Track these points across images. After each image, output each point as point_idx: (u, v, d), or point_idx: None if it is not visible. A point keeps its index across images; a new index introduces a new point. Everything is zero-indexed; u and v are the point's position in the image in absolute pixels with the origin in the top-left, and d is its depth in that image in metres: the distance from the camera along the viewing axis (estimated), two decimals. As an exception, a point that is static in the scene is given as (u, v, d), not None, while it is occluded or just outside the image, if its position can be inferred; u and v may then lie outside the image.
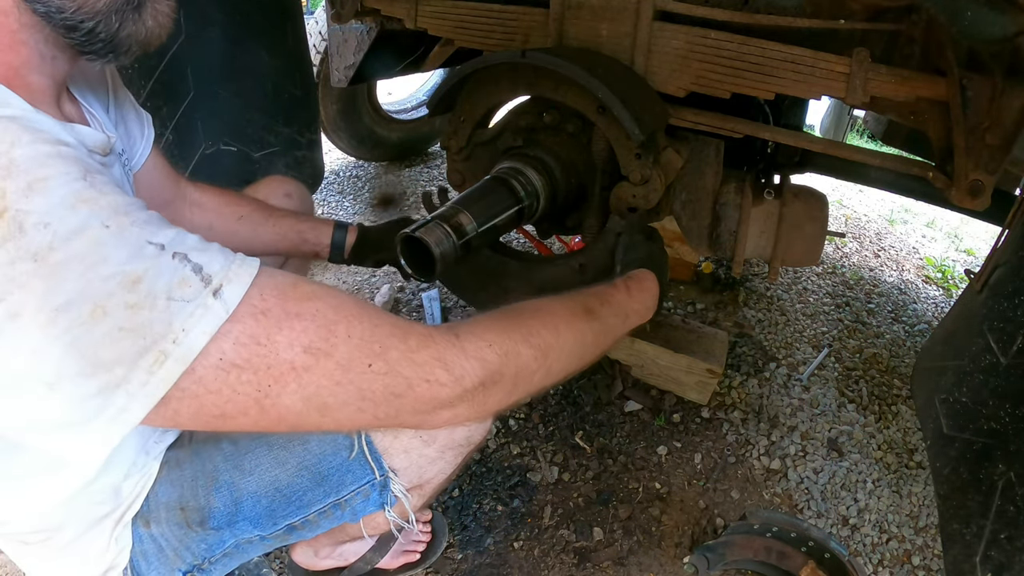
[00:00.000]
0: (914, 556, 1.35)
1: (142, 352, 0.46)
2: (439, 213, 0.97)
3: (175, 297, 0.47)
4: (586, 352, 0.75)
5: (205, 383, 0.48)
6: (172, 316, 0.46)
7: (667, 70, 1.15)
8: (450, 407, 0.59)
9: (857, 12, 1.05)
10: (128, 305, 0.45)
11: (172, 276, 0.47)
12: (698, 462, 1.52)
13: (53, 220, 0.43)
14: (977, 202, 1.00)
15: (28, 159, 0.44)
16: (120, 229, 0.46)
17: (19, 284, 0.42)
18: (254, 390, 0.50)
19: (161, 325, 0.46)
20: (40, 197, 0.43)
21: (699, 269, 2.22)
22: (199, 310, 0.47)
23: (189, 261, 0.48)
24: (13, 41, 0.54)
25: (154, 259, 0.47)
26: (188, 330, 0.47)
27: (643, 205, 1.15)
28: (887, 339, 2.06)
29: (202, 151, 1.77)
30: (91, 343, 0.44)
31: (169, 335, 0.46)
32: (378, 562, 1.17)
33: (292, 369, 0.51)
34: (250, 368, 0.49)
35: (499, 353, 0.61)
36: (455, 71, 1.17)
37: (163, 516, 0.79)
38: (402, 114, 3.17)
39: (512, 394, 0.65)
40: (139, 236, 0.47)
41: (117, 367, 0.45)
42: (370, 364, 0.54)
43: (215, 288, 0.48)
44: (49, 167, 0.45)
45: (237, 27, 1.72)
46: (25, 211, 0.42)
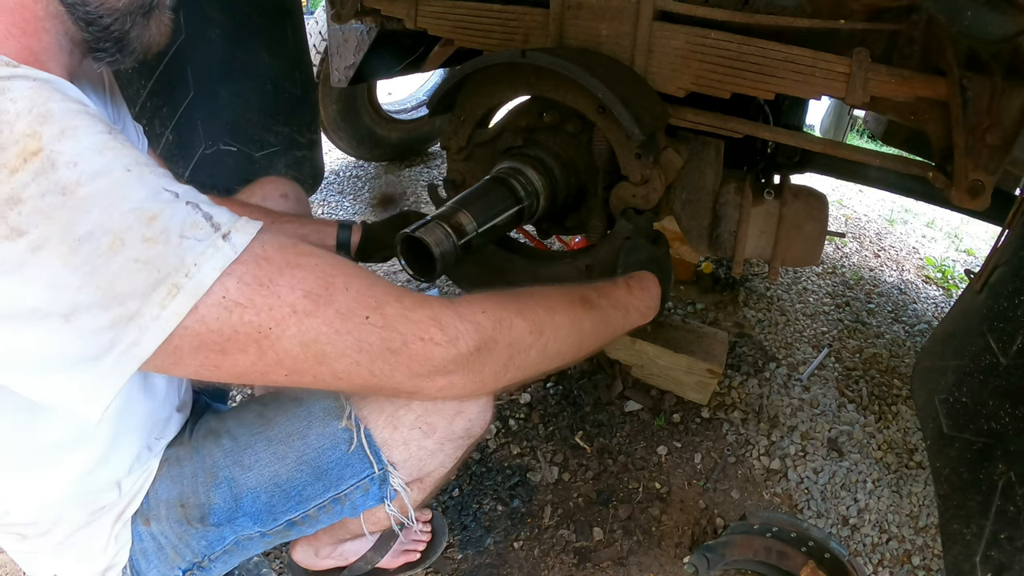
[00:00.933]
0: (914, 556, 1.35)
1: (155, 285, 0.48)
2: (439, 213, 0.97)
3: (188, 236, 0.50)
4: (584, 339, 0.75)
5: (207, 321, 0.50)
6: (185, 252, 0.49)
7: (667, 70, 1.15)
8: (446, 373, 0.60)
9: (857, 12, 1.05)
10: (144, 239, 0.48)
11: (185, 218, 0.50)
12: (698, 462, 1.52)
13: (81, 160, 0.47)
14: (977, 202, 1.00)
15: (62, 111, 0.48)
16: (140, 174, 0.50)
17: (46, 215, 0.46)
18: (255, 330, 0.52)
19: (174, 259, 0.49)
20: (71, 141, 0.47)
21: (699, 269, 2.22)
22: (210, 249, 0.50)
23: (200, 209, 0.52)
24: (37, 28, 0.57)
25: (170, 203, 0.50)
26: (200, 265, 0.49)
27: (643, 205, 1.15)
28: (887, 339, 2.06)
29: (202, 151, 1.77)
30: (108, 274, 0.47)
31: (182, 269, 0.49)
32: (378, 562, 1.17)
33: (293, 312, 0.53)
34: (252, 308, 0.52)
35: (493, 319, 0.63)
36: (455, 71, 1.17)
37: (163, 513, 0.79)
38: (402, 114, 3.17)
39: (508, 367, 0.65)
40: (156, 183, 0.51)
41: (131, 300, 0.48)
42: (367, 316, 0.56)
43: (224, 233, 0.52)
44: (79, 119, 0.49)
45: (237, 27, 1.72)
46: (58, 151, 0.47)
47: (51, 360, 0.48)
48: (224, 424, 0.85)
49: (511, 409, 1.62)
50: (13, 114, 0.47)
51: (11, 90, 0.48)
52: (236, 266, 0.51)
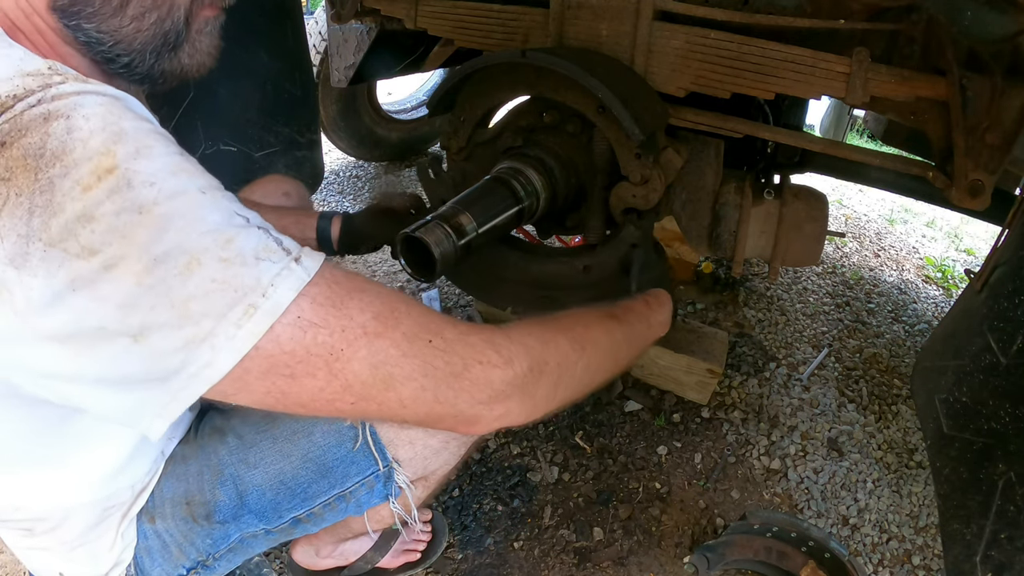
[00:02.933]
0: (914, 556, 1.35)
1: (232, 304, 0.48)
2: (439, 213, 0.97)
3: (263, 258, 0.50)
4: (618, 352, 0.77)
5: (281, 342, 0.50)
6: (261, 272, 0.49)
7: (667, 70, 1.15)
8: (503, 397, 0.60)
9: (857, 12, 1.05)
10: (221, 259, 0.48)
11: (259, 242, 0.51)
12: (698, 462, 1.52)
13: (158, 180, 0.47)
14: (977, 202, 1.00)
15: (135, 130, 0.48)
16: (214, 197, 0.50)
17: (122, 234, 0.45)
18: (327, 351, 0.52)
19: (251, 279, 0.49)
20: (146, 160, 0.47)
21: (699, 269, 2.22)
22: (285, 271, 0.51)
23: (271, 234, 0.53)
24: (62, 53, 0.58)
25: (243, 227, 0.51)
26: (276, 285, 0.50)
27: (643, 205, 1.14)
28: (887, 339, 2.06)
29: (202, 151, 1.77)
30: (184, 293, 0.46)
31: (259, 288, 0.49)
32: (379, 561, 1.17)
33: (364, 333, 0.53)
34: (327, 327, 0.52)
35: (540, 340, 0.64)
36: (455, 71, 1.17)
37: (168, 511, 0.79)
38: (402, 114, 3.17)
39: (558, 386, 0.65)
40: (230, 207, 0.51)
41: (205, 319, 0.47)
42: (430, 340, 0.56)
43: (296, 256, 0.52)
44: (153, 139, 0.49)
45: (237, 27, 1.71)
46: (133, 170, 0.46)
47: (116, 379, 0.48)
48: (229, 422, 0.86)
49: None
50: (87, 131, 0.45)
51: (83, 106, 0.46)
52: (310, 287, 0.51)
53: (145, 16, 0.58)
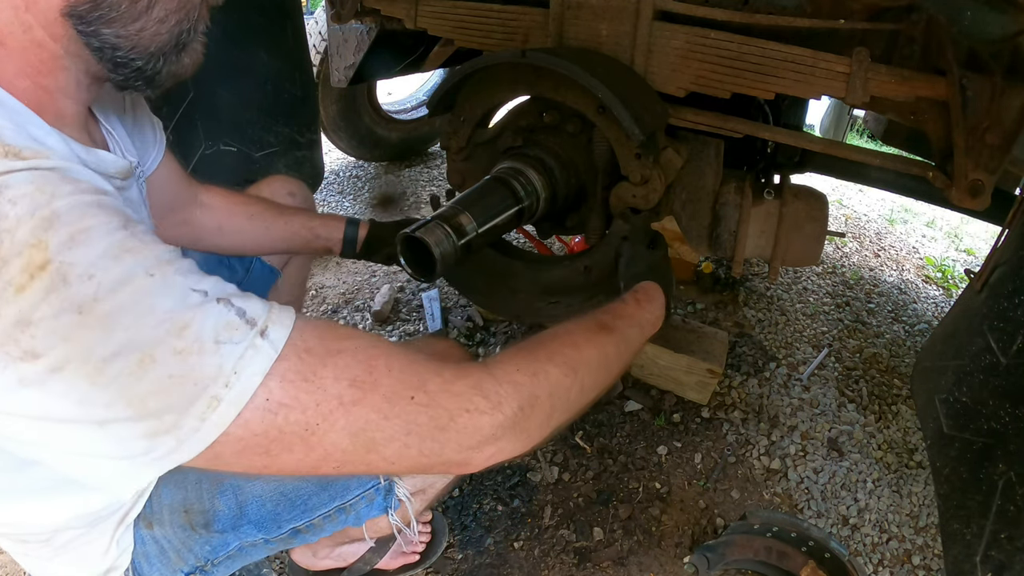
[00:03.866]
0: (914, 556, 1.35)
1: (193, 399, 0.45)
2: (439, 213, 0.97)
3: (223, 340, 0.46)
4: (611, 364, 0.75)
5: (251, 426, 0.47)
6: (223, 359, 0.46)
7: (667, 70, 1.15)
8: (493, 440, 0.58)
9: (857, 12, 1.05)
10: (176, 351, 0.44)
11: (218, 320, 0.47)
12: (698, 462, 1.52)
13: (97, 271, 0.43)
14: (977, 202, 1.00)
15: (70, 210, 0.43)
16: (164, 277, 0.46)
17: (63, 337, 0.41)
18: (301, 428, 0.49)
19: (212, 368, 0.45)
20: (83, 248, 0.43)
21: (699, 269, 2.22)
22: (249, 351, 0.47)
23: (233, 306, 0.48)
24: (55, 67, 0.54)
25: (199, 306, 0.46)
26: (240, 372, 0.46)
27: (643, 205, 1.14)
28: (887, 339, 2.06)
29: (202, 151, 1.77)
30: (140, 392, 0.43)
31: (220, 378, 0.45)
32: (377, 562, 1.17)
33: (340, 404, 0.50)
34: (298, 406, 0.49)
35: (528, 374, 0.61)
36: (455, 71, 1.17)
37: (166, 518, 0.79)
38: (402, 114, 3.17)
39: (552, 415, 0.64)
40: (183, 284, 0.47)
41: (167, 414, 0.45)
42: (412, 396, 0.54)
43: (261, 329, 0.48)
44: (91, 218, 0.44)
45: (237, 27, 1.72)
46: (69, 263, 0.42)
47: (87, 452, 0.46)
48: None
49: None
50: (14, 220, 0.41)
51: (10, 188, 0.42)
52: (279, 364, 0.48)
53: (168, 18, 0.57)
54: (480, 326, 1.93)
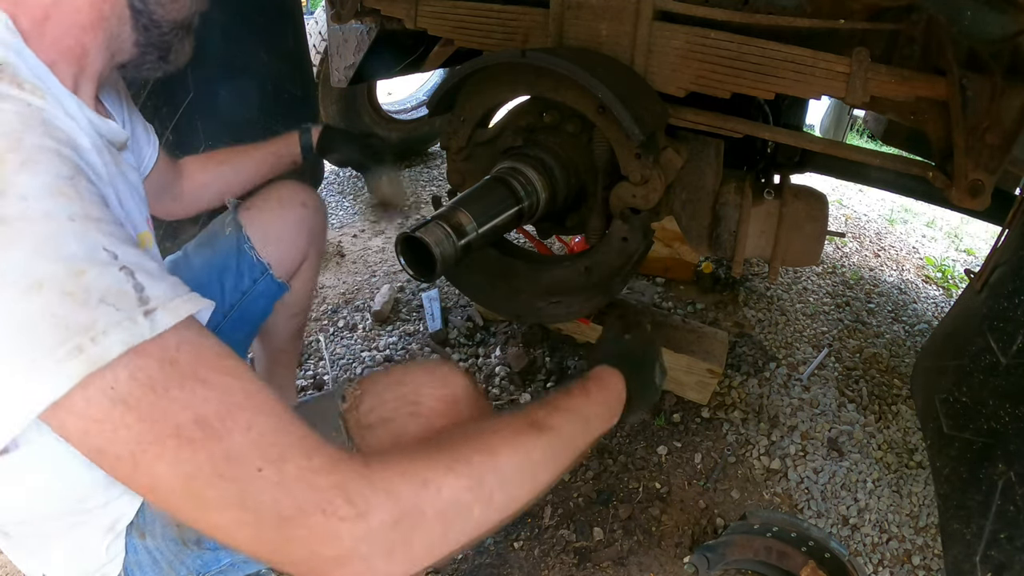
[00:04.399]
0: (914, 556, 1.35)
1: (60, 341, 0.44)
2: (439, 213, 0.97)
3: (108, 301, 0.46)
4: (538, 472, 0.63)
5: (92, 407, 0.45)
6: (98, 316, 0.45)
7: (667, 70, 1.15)
8: (358, 557, 0.48)
9: (857, 12, 1.05)
10: (65, 291, 0.44)
11: (112, 283, 0.47)
12: (698, 462, 1.52)
13: (31, 197, 0.46)
14: (977, 202, 1.00)
15: (32, 144, 0.49)
16: (84, 229, 0.48)
17: None
18: (133, 440, 0.45)
19: (86, 320, 0.44)
20: (29, 176, 0.47)
21: (699, 269, 2.22)
22: (126, 320, 0.46)
23: (134, 278, 0.48)
24: (97, 27, 0.63)
25: (103, 264, 0.47)
26: (108, 332, 0.45)
27: (643, 205, 1.15)
28: (887, 339, 2.06)
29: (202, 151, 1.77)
30: (17, 316, 0.44)
31: (89, 332, 0.44)
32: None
33: (176, 435, 0.45)
34: (135, 412, 0.45)
35: (416, 483, 0.51)
36: (455, 71, 1.17)
37: (158, 531, 0.78)
38: (402, 114, 3.17)
39: (447, 536, 0.53)
40: (97, 240, 0.48)
41: (32, 350, 0.44)
42: (260, 468, 0.46)
43: (148, 309, 0.47)
44: (46, 156, 0.49)
45: (237, 27, 1.72)
46: (11, 181, 0.46)
47: None
48: None
49: (512, 409, 1.62)
50: (9, 106, 0.50)
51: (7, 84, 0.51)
52: (137, 357, 0.45)
53: None
54: (480, 326, 1.93)
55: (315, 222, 1.22)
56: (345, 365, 1.80)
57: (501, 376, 1.72)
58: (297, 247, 1.19)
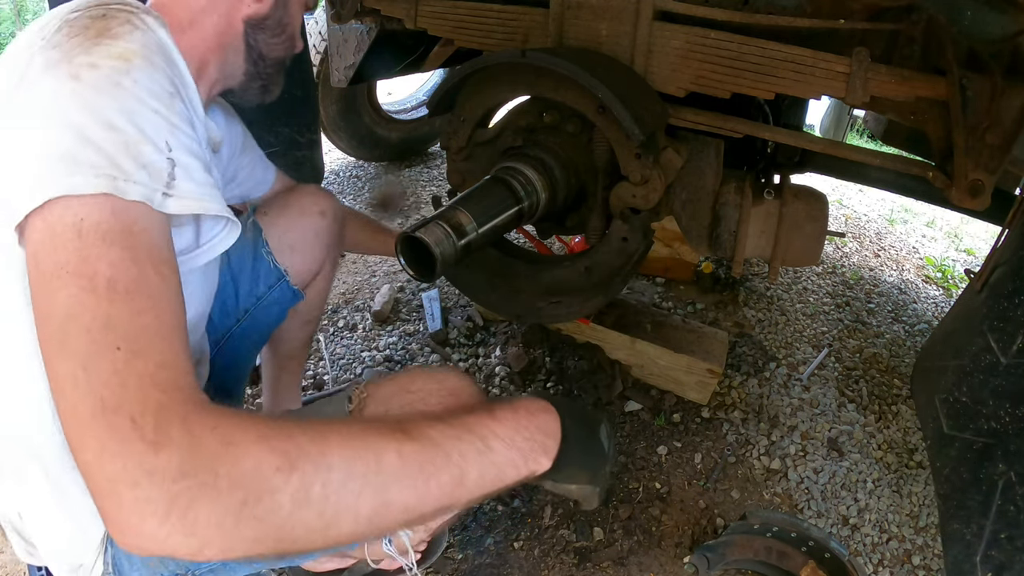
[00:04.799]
0: (914, 556, 1.35)
1: (104, 165, 0.55)
2: (439, 213, 0.97)
3: (147, 169, 0.58)
4: (388, 481, 0.51)
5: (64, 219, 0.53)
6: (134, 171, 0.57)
7: (667, 70, 1.15)
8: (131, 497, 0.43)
9: (857, 12, 1.05)
10: (126, 143, 0.57)
11: (158, 162, 0.59)
12: (698, 462, 1.52)
13: (140, 84, 0.61)
14: (977, 202, 1.00)
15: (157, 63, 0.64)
16: (159, 121, 0.61)
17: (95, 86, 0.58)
18: (62, 262, 0.51)
19: (128, 167, 0.57)
20: (144, 74, 0.62)
21: (699, 269, 2.22)
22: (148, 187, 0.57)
23: (173, 169, 0.61)
24: (219, 50, 0.82)
25: (158, 149, 0.60)
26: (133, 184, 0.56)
27: (643, 205, 1.15)
28: (887, 339, 2.06)
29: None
30: (87, 134, 0.56)
31: (124, 174, 0.56)
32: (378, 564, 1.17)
33: (89, 279, 0.50)
34: (77, 243, 0.52)
35: (220, 441, 0.45)
36: (455, 71, 1.17)
37: None
38: (402, 114, 3.17)
39: (240, 515, 0.45)
40: (163, 135, 0.61)
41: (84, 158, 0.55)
42: (119, 348, 0.48)
43: (167, 192, 0.59)
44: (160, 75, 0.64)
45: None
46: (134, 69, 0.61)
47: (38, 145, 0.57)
48: None
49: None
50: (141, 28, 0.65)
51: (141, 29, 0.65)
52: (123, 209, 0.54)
53: (288, 41, 0.91)
54: (480, 326, 1.93)
55: (333, 232, 1.19)
56: (345, 365, 1.80)
57: (501, 376, 1.72)
58: (314, 257, 1.17)
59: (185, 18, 0.77)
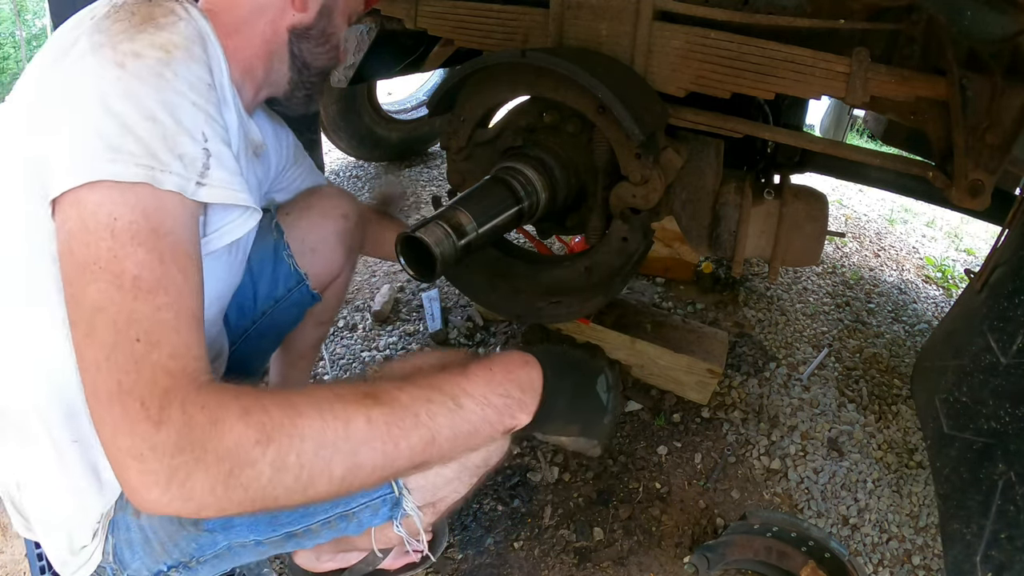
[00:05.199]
0: (914, 556, 1.35)
1: (142, 155, 0.58)
2: (439, 213, 0.97)
3: (183, 160, 0.62)
4: (359, 447, 0.55)
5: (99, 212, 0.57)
6: (171, 161, 0.60)
7: (667, 70, 1.15)
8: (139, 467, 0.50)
9: (857, 12, 1.05)
10: (164, 135, 0.60)
11: (193, 152, 0.63)
12: (698, 462, 1.52)
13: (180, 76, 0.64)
14: (977, 202, 1.00)
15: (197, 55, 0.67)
16: (196, 113, 0.65)
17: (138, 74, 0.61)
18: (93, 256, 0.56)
19: (165, 158, 0.60)
20: (184, 66, 0.65)
21: (699, 269, 2.22)
22: (182, 177, 0.61)
23: (207, 159, 0.64)
24: (265, 56, 0.85)
25: (195, 139, 0.63)
26: (169, 174, 0.60)
27: (643, 205, 1.15)
28: (887, 339, 2.06)
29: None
30: (128, 124, 0.59)
31: (162, 164, 0.59)
32: (379, 564, 1.17)
33: (117, 276, 0.55)
34: (109, 242, 0.56)
35: (208, 418, 0.51)
36: (455, 71, 1.17)
37: None
38: (402, 114, 3.17)
39: (228, 483, 0.51)
40: (200, 125, 0.64)
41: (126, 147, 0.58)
42: (138, 339, 0.54)
43: (200, 181, 0.63)
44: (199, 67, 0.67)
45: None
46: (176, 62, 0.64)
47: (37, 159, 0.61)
48: None
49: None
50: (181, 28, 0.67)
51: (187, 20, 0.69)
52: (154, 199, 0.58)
53: (331, 52, 0.93)
54: (480, 326, 1.93)
55: (354, 236, 1.19)
56: (345, 365, 1.80)
57: (501, 376, 1.72)
58: (335, 259, 1.16)
59: (232, 24, 0.79)
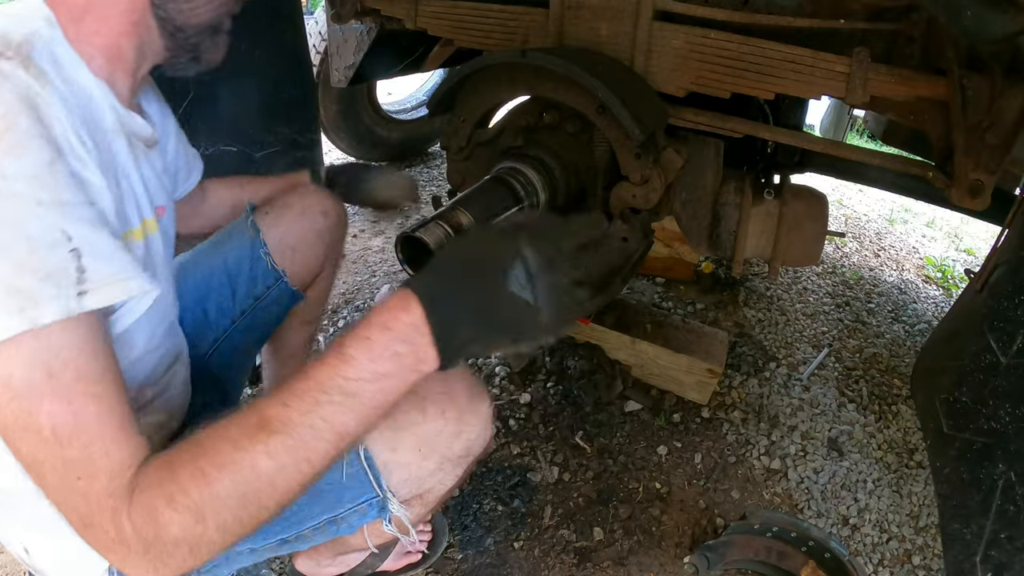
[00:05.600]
0: (914, 556, 1.35)
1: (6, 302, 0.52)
2: (439, 213, 0.97)
3: (52, 277, 0.54)
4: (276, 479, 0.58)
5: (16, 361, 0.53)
6: (41, 287, 0.53)
7: (667, 70, 1.15)
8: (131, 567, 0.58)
9: (857, 12, 1.05)
10: (18, 264, 0.52)
11: (59, 263, 0.54)
12: (698, 462, 1.52)
13: (10, 178, 0.52)
14: (977, 202, 1.00)
15: (25, 130, 0.54)
16: (47, 212, 0.54)
17: None
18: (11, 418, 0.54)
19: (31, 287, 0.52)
20: (12, 158, 0.53)
21: (699, 269, 2.22)
22: (61, 297, 0.54)
23: (79, 260, 0.55)
24: (130, 32, 0.70)
25: (54, 246, 0.54)
26: (46, 303, 0.53)
27: (643, 205, 1.15)
28: (887, 339, 2.06)
29: (202, 151, 1.76)
30: None
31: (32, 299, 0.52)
32: (380, 566, 1.17)
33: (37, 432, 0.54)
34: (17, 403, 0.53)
35: (151, 521, 0.56)
36: (455, 71, 1.17)
37: None
38: (402, 114, 3.17)
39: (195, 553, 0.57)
40: (57, 223, 0.55)
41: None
42: (79, 479, 0.56)
43: (82, 290, 0.55)
44: (35, 143, 0.55)
45: (236, 27, 1.71)
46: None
47: None
48: None
49: (511, 409, 1.62)
50: (9, 91, 0.55)
51: (14, 75, 0.56)
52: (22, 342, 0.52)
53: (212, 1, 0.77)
54: (480, 326, 1.92)
55: (335, 233, 1.18)
56: (345, 365, 1.80)
57: (501, 376, 1.72)
58: (315, 258, 1.16)
59: (79, 5, 0.66)
